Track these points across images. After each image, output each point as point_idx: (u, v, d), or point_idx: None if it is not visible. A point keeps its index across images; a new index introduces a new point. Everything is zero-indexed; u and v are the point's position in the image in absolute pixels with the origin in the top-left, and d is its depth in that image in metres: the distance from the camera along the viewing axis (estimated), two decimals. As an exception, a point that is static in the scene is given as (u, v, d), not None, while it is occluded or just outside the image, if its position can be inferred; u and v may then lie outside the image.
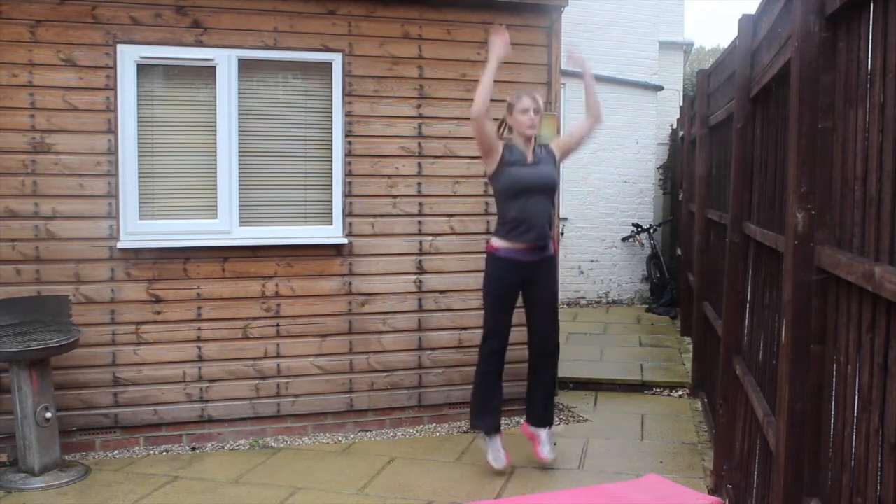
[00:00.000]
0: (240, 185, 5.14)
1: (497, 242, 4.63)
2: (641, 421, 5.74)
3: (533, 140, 4.62)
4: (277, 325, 5.25)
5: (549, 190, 4.66)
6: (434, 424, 5.57)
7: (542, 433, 4.78)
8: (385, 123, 5.36)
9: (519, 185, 4.53)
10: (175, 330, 5.07)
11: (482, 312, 5.58)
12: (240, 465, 4.81)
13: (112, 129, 4.90)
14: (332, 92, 5.28)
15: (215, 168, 5.09)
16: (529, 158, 4.59)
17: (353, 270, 5.36)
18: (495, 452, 4.68)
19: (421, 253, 5.48)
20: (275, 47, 5.14)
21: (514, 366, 5.19)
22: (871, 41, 1.95)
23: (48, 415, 4.47)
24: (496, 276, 4.63)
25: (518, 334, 4.98)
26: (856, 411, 1.98)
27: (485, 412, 4.73)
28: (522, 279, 4.63)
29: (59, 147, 4.83)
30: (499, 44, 4.50)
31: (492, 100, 5.48)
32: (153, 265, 5.02)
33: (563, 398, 6.15)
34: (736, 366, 3.99)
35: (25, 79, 4.75)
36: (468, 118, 5.46)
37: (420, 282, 5.49)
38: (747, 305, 3.91)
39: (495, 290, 4.65)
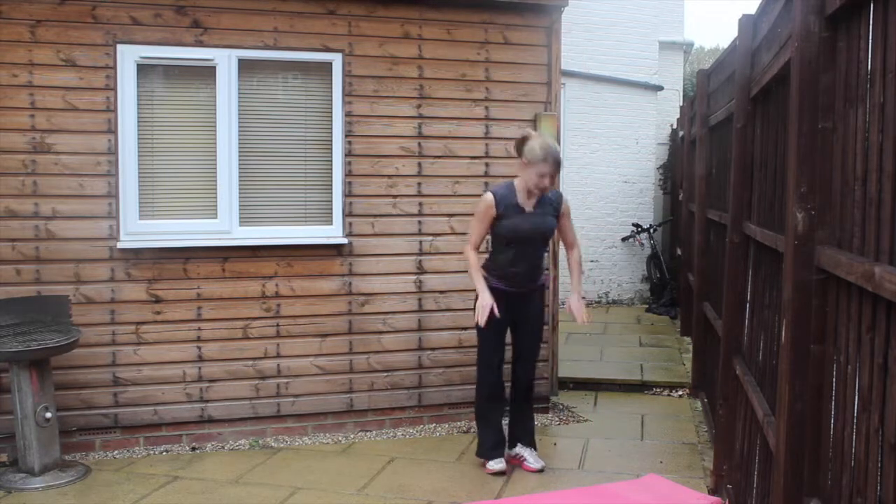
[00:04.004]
0: (240, 185, 5.14)
1: (485, 273, 4.63)
2: (641, 421, 5.74)
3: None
4: (277, 325, 5.24)
5: (544, 238, 4.71)
6: (434, 424, 5.57)
7: (525, 452, 4.78)
8: (385, 123, 5.36)
9: (513, 235, 4.52)
10: (175, 330, 5.07)
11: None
12: (240, 465, 4.81)
13: (112, 129, 4.90)
14: (332, 92, 5.27)
15: (215, 168, 5.09)
16: (528, 208, 4.53)
17: (354, 270, 5.36)
18: (497, 462, 4.70)
19: (421, 253, 5.48)
20: (275, 47, 5.14)
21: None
22: (871, 41, 1.95)
23: (48, 415, 4.47)
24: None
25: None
26: (856, 411, 1.98)
27: (497, 445, 4.73)
28: (510, 304, 4.61)
29: (59, 147, 4.82)
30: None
31: (498, 100, 5.54)
32: (153, 265, 5.01)
33: (563, 398, 6.15)
34: (736, 366, 3.99)
35: (25, 79, 4.75)
36: (468, 118, 5.50)
37: (420, 282, 5.49)
38: (747, 305, 3.91)
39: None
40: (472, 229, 4.63)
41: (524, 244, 4.57)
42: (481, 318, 4.43)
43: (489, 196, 4.54)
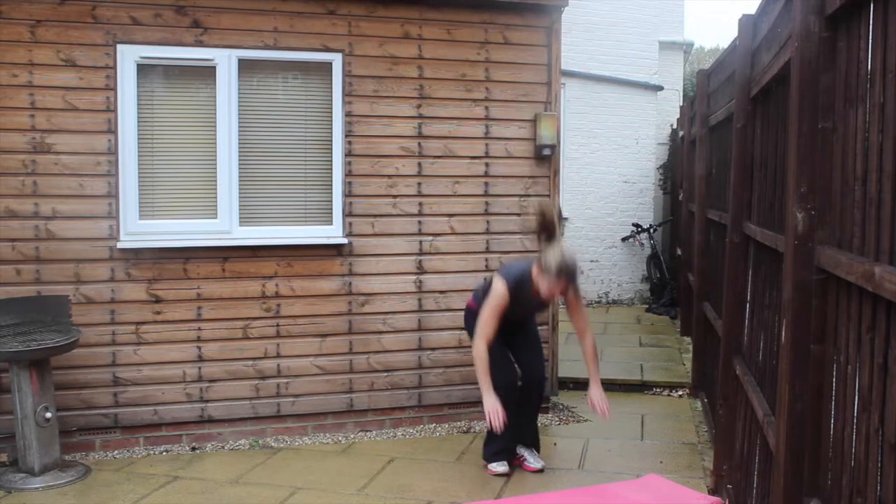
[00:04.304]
0: (240, 185, 5.14)
1: (474, 304, 4.68)
2: (641, 421, 5.73)
3: None
4: (277, 325, 5.24)
5: (545, 308, 4.86)
6: (434, 424, 5.57)
7: (525, 451, 4.77)
8: (385, 123, 5.36)
9: (516, 309, 4.50)
10: (175, 330, 5.07)
11: (482, 312, 5.58)
12: (240, 465, 4.81)
13: (112, 129, 4.90)
14: (332, 92, 5.27)
15: (215, 168, 5.09)
16: (536, 297, 4.48)
17: (353, 270, 5.36)
18: (500, 465, 4.69)
19: (421, 253, 5.48)
20: (275, 47, 5.14)
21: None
22: (871, 41, 1.95)
23: (48, 415, 4.47)
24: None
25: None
26: (856, 411, 1.98)
27: (503, 451, 4.70)
28: (507, 326, 4.62)
29: (59, 147, 4.82)
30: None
31: (498, 100, 5.53)
32: (153, 265, 5.01)
33: (563, 398, 6.15)
34: (736, 366, 3.99)
35: (25, 79, 4.75)
36: (468, 118, 5.50)
37: (420, 282, 5.49)
38: (747, 305, 3.91)
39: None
40: (486, 321, 4.42)
41: (525, 313, 4.67)
42: (494, 423, 4.32)
43: (504, 291, 4.40)
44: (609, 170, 10.68)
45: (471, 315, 4.71)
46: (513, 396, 4.61)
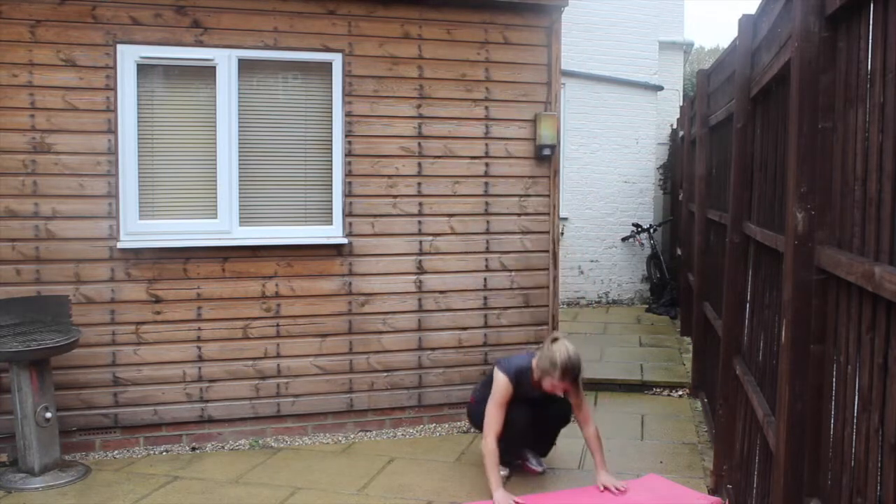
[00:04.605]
0: (240, 185, 5.14)
1: (474, 400, 4.72)
2: (641, 421, 5.73)
3: None
4: (277, 325, 5.24)
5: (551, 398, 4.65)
6: (434, 424, 5.57)
7: (528, 453, 4.74)
8: (385, 123, 5.36)
9: (519, 398, 4.46)
10: (175, 330, 5.07)
11: (482, 312, 5.60)
12: (240, 465, 4.81)
13: (112, 129, 4.90)
14: (332, 92, 5.27)
15: (215, 168, 5.09)
16: (537, 390, 4.45)
17: (353, 270, 5.36)
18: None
19: (421, 253, 5.48)
20: (275, 47, 5.14)
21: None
22: (871, 41, 1.96)
23: (48, 415, 4.47)
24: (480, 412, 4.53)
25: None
26: (856, 411, 1.98)
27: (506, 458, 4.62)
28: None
29: (59, 147, 4.82)
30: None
31: (498, 100, 5.53)
32: (153, 265, 5.01)
33: (563, 398, 6.15)
34: (736, 366, 3.99)
35: (25, 79, 4.75)
36: (468, 118, 5.50)
37: (420, 282, 5.49)
38: (747, 305, 3.91)
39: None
40: (492, 415, 4.38)
41: (529, 404, 4.57)
42: None
43: (506, 382, 4.39)
44: (609, 170, 10.68)
45: (472, 409, 4.78)
46: (524, 427, 4.55)
